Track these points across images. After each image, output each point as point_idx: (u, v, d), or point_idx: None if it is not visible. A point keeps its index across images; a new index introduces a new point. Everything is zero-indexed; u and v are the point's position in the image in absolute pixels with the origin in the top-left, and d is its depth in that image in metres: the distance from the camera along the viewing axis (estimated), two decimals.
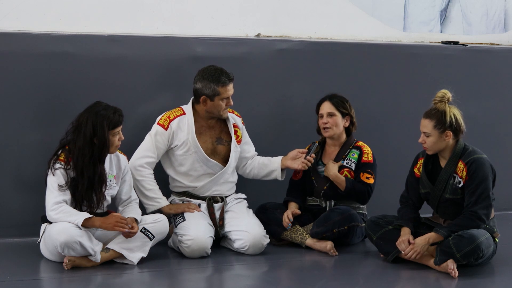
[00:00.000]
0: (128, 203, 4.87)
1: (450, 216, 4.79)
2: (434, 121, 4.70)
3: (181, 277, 4.69)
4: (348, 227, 5.07)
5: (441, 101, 4.72)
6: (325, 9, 6.00)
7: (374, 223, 4.93)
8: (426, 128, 4.72)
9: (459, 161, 4.72)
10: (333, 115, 5.25)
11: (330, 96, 5.29)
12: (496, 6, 6.56)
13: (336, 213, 5.08)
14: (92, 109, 4.61)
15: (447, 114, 4.68)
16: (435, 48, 6.20)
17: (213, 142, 5.12)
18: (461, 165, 4.71)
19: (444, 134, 4.70)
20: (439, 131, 4.69)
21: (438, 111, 4.70)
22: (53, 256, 4.65)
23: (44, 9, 5.26)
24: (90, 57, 5.25)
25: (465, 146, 4.76)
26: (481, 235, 4.61)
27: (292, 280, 4.75)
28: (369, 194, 5.24)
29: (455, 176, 4.72)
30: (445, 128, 4.68)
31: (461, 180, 4.70)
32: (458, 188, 4.71)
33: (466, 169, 4.67)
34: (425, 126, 4.73)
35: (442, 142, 4.72)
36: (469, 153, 4.72)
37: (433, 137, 4.71)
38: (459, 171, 4.71)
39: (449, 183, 4.73)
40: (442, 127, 4.68)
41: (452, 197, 4.73)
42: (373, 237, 4.91)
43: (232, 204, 5.19)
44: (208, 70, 5.00)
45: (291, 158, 5.24)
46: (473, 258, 4.59)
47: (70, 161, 4.59)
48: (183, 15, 5.61)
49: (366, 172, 5.24)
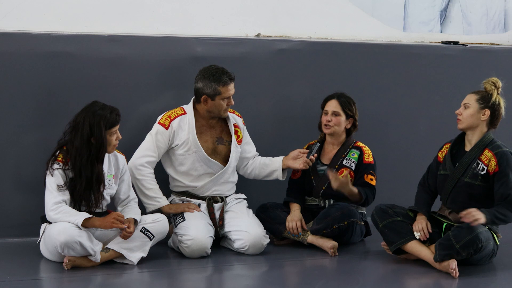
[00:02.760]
0: (127, 202, 4.87)
1: (458, 205, 4.79)
2: (479, 96, 4.82)
3: (181, 277, 4.69)
4: (348, 223, 5.06)
5: (492, 84, 4.82)
6: (325, 9, 6.00)
7: (382, 211, 4.93)
8: (469, 99, 4.83)
9: (486, 149, 4.77)
10: (337, 115, 5.26)
11: (339, 95, 5.31)
12: (496, 6, 6.55)
13: (335, 209, 5.08)
14: (89, 109, 4.61)
15: (493, 95, 4.79)
16: (435, 48, 6.20)
17: (213, 142, 5.12)
18: (488, 153, 4.75)
19: (483, 112, 4.78)
20: (480, 106, 4.79)
21: (486, 91, 4.82)
22: (53, 256, 4.65)
23: (44, 9, 5.26)
24: (90, 57, 5.25)
25: (493, 138, 4.83)
26: (481, 227, 4.63)
27: (292, 280, 4.75)
28: (374, 197, 5.25)
29: (479, 162, 4.76)
30: (486, 106, 4.78)
31: (485, 167, 4.73)
32: (479, 175, 4.74)
33: (496, 160, 4.71)
34: (468, 99, 4.84)
35: (477, 119, 4.79)
36: (498, 145, 4.78)
37: (471, 109, 4.79)
38: (485, 158, 4.75)
39: (471, 167, 4.77)
40: (484, 103, 4.79)
41: (470, 181, 4.76)
42: (380, 224, 4.90)
43: (232, 204, 5.19)
44: (209, 69, 5.00)
45: (292, 158, 5.24)
46: (472, 249, 4.59)
47: (68, 161, 4.59)
48: (183, 15, 5.61)
49: (370, 174, 5.24)
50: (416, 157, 5.98)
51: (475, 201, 4.77)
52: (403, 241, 4.81)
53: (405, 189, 5.68)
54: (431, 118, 6.08)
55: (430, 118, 6.08)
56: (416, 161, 5.87)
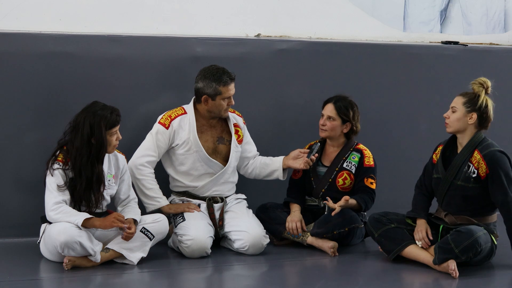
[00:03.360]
0: (127, 202, 4.87)
1: (453, 208, 4.79)
2: (466, 99, 4.75)
3: (181, 277, 4.69)
4: (349, 229, 5.06)
5: (479, 85, 4.75)
6: (325, 9, 6.00)
7: (376, 220, 4.93)
8: (456, 103, 4.77)
9: (475, 151, 4.72)
10: (332, 120, 5.23)
11: (337, 99, 5.25)
12: (496, 6, 6.55)
13: (337, 215, 5.06)
14: (89, 109, 4.60)
15: (480, 98, 4.72)
16: (435, 48, 6.20)
17: (214, 142, 5.12)
18: (477, 155, 4.71)
19: (470, 115, 4.72)
20: (467, 109, 4.73)
21: (473, 93, 4.75)
22: (53, 256, 4.64)
23: (44, 9, 5.26)
24: (90, 57, 5.25)
25: (484, 137, 4.77)
26: (479, 230, 4.63)
27: (292, 280, 4.75)
28: (373, 201, 5.24)
29: (470, 165, 4.73)
30: (473, 109, 4.72)
31: (476, 171, 4.70)
32: (471, 178, 4.71)
33: (485, 162, 4.67)
34: (455, 102, 4.78)
35: (464, 122, 4.74)
36: (487, 145, 4.73)
37: (458, 113, 4.74)
38: (474, 161, 4.71)
39: (462, 170, 4.74)
40: (470, 106, 4.72)
41: (463, 184, 4.72)
42: (375, 234, 4.91)
43: (232, 204, 5.19)
44: (210, 69, 5.00)
45: (292, 158, 5.24)
46: (471, 253, 4.59)
47: (68, 161, 4.59)
48: (183, 15, 5.60)
49: (370, 177, 5.22)
50: (416, 157, 5.96)
51: (471, 202, 4.76)
52: (400, 248, 4.81)
53: (404, 188, 5.68)
54: (431, 118, 6.07)
55: (430, 118, 6.08)
56: (416, 161, 5.85)
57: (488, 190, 4.72)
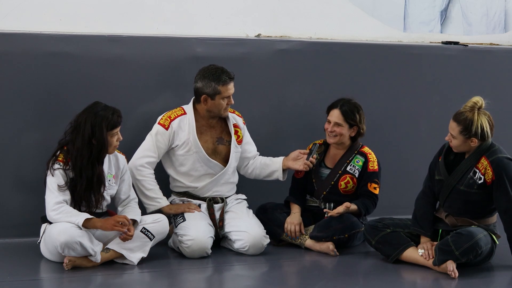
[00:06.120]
0: (127, 202, 4.87)
1: (454, 211, 4.78)
2: (461, 127, 4.66)
3: (181, 277, 4.69)
4: (349, 235, 5.06)
5: (471, 110, 4.67)
6: (325, 9, 6.00)
7: (372, 227, 4.92)
8: (453, 131, 4.70)
9: (482, 157, 4.69)
10: (340, 125, 5.17)
11: (343, 103, 5.18)
12: (496, 7, 6.55)
13: (337, 221, 5.05)
14: (91, 110, 4.60)
15: (474, 123, 4.63)
16: (435, 49, 6.20)
17: (214, 142, 5.12)
18: (484, 162, 4.68)
19: (470, 140, 4.68)
20: (465, 137, 4.67)
21: (467, 119, 4.65)
22: (53, 256, 4.64)
23: (44, 9, 5.26)
24: (90, 57, 5.25)
25: (491, 143, 4.74)
26: (480, 232, 4.62)
27: (292, 280, 4.75)
28: (375, 206, 5.21)
29: (476, 171, 4.70)
30: (471, 136, 4.66)
31: (482, 177, 4.68)
32: (475, 184, 4.69)
33: (492, 169, 4.64)
34: (452, 128, 4.71)
35: (467, 145, 4.70)
36: (494, 151, 4.70)
37: (458, 140, 4.69)
38: (481, 167, 4.69)
39: (467, 176, 4.72)
40: (467, 134, 4.66)
41: (466, 190, 4.70)
42: (372, 242, 4.91)
43: (232, 205, 5.19)
44: (209, 69, 5.00)
45: (292, 159, 5.23)
46: (472, 255, 4.59)
47: (69, 161, 4.59)
48: (183, 15, 5.60)
49: (373, 182, 5.19)
50: (416, 157, 5.97)
51: (472, 206, 4.75)
52: (398, 252, 4.81)
53: (404, 189, 5.69)
54: (431, 118, 6.07)
55: (430, 118, 6.08)
56: (416, 161, 5.87)
57: (491, 196, 4.70)
